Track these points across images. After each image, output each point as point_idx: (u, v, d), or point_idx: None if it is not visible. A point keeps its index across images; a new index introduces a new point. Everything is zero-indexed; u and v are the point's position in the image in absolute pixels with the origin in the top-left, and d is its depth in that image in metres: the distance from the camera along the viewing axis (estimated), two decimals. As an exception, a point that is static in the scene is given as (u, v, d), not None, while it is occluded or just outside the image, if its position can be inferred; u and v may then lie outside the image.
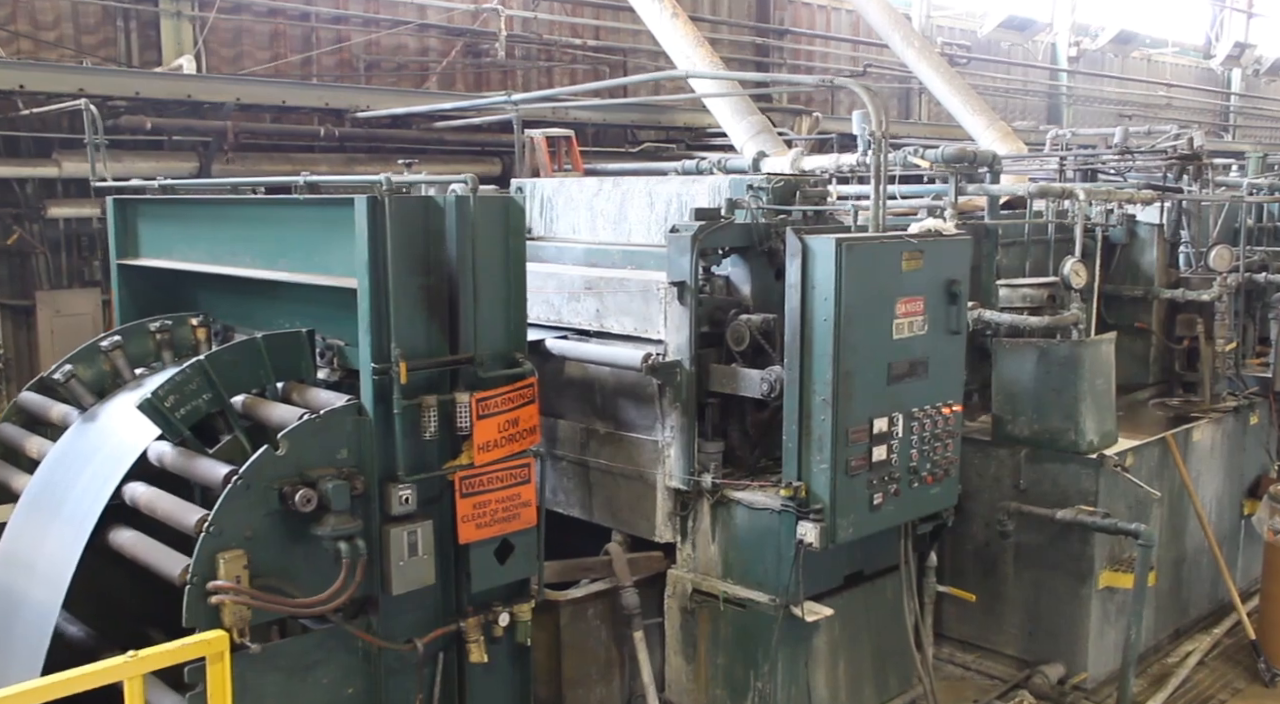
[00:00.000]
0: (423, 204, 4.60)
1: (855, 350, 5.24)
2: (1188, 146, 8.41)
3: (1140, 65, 22.31)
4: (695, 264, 5.63)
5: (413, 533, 4.55)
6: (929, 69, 12.33)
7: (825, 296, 5.18)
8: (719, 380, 5.76)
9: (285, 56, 9.93)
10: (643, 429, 5.99)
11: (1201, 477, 7.67)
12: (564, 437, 6.41)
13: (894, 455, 5.49)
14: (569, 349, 6.12)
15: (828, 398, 5.21)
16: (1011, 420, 6.96)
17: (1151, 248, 8.31)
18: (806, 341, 5.28)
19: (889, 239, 5.39)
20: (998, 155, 7.52)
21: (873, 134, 5.57)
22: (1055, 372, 6.79)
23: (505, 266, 4.84)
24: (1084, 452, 6.71)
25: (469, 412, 4.63)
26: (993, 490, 7.04)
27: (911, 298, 5.46)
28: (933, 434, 5.69)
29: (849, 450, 5.28)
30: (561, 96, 8.40)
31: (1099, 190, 7.56)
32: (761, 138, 9.35)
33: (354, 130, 9.63)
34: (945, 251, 5.64)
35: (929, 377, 5.62)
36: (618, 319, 6.08)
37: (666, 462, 5.85)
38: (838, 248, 5.12)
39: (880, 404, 5.40)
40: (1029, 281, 7.11)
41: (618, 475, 6.12)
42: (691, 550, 5.94)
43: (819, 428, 5.27)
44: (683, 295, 5.66)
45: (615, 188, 7.04)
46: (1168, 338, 8.36)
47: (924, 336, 5.56)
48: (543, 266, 6.78)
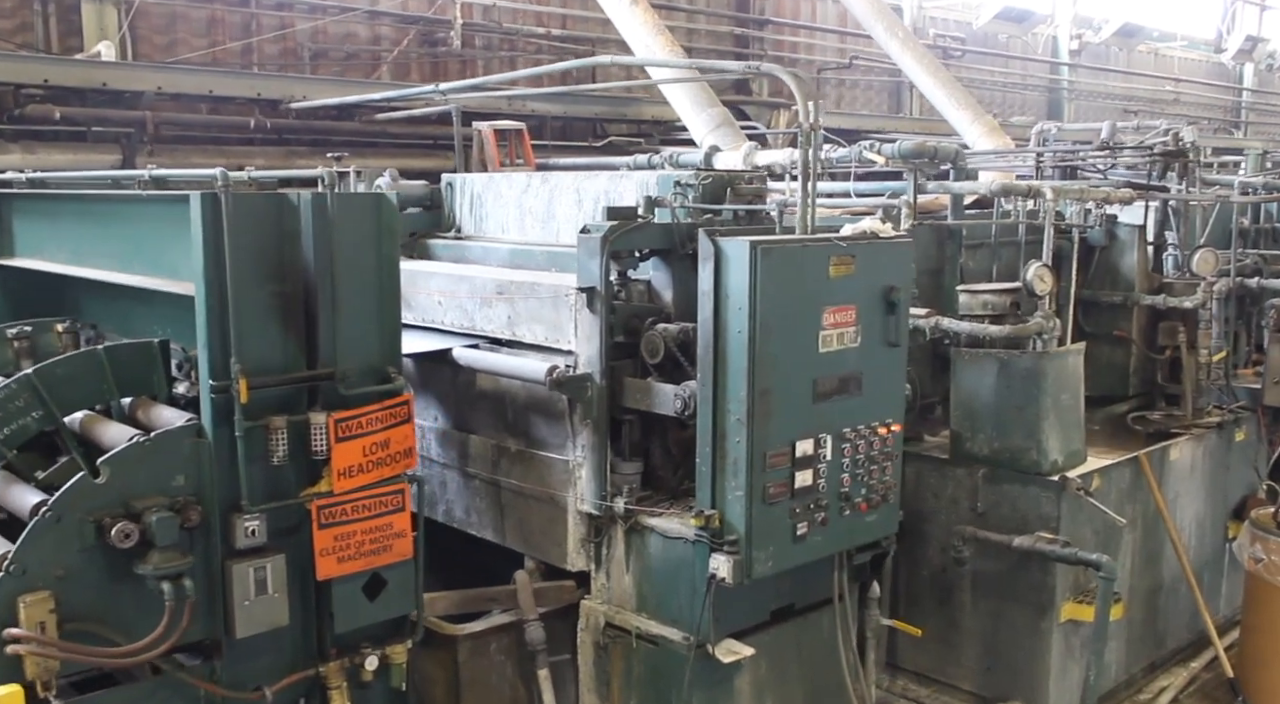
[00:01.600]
0: (274, 202, 4.11)
1: (774, 365, 4.72)
2: (1173, 142, 7.84)
3: (1147, 59, 21.64)
4: (605, 268, 5.12)
5: (260, 569, 4.07)
6: (913, 61, 11.78)
7: (739, 306, 4.67)
8: (633, 396, 5.25)
9: (223, 44, 9.47)
10: (554, 447, 5.49)
11: (1180, 498, 7.12)
12: (475, 453, 5.92)
13: (821, 481, 4.98)
14: (475, 359, 5.63)
15: (742, 418, 4.70)
16: (970, 438, 6.44)
17: (1132, 251, 7.74)
18: (720, 355, 4.77)
19: (814, 242, 4.87)
20: (962, 150, 6.98)
21: (799, 126, 5.05)
22: (1016, 385, 6.26)
23: (377, 272, 4.35)
24: (1046, 473, 6.18)
25: (325, 433, 4.14)
26: (949, 513, 6.51)
27: (841, 307, 4.94)
28: (868, 457, 5.17)
29: (767, 476, 4.76)
30: (489, 86, 7.93)
31: (1069, 189, 7.01)
32: (722, 131, 8.83)
33: (296, 122, 9.16)
34: (882, 256, 5.11)
35: (863, 394, 5.10)
36: (529, 327, 5.58)
37: (578, 483, 5.36)
38: (752, 251, 4.61)
39: (805, 424, 4.88)
40: (990, 287, 6.58)
41: (529, 497, 5.63)
42: (606, 580, 5.45)
43: (734, 451, 4.76)
44: (592, 302, 5.16)
45: (544, 184, 6.57)
46: (1149, 347, 7.78)
47: (857, 350, 5.04)
48: (459, 268, 6.32)
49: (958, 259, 7.10)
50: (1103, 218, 7.75)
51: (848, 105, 15.60)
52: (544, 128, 11.41)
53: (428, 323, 6.16)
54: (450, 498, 6.13)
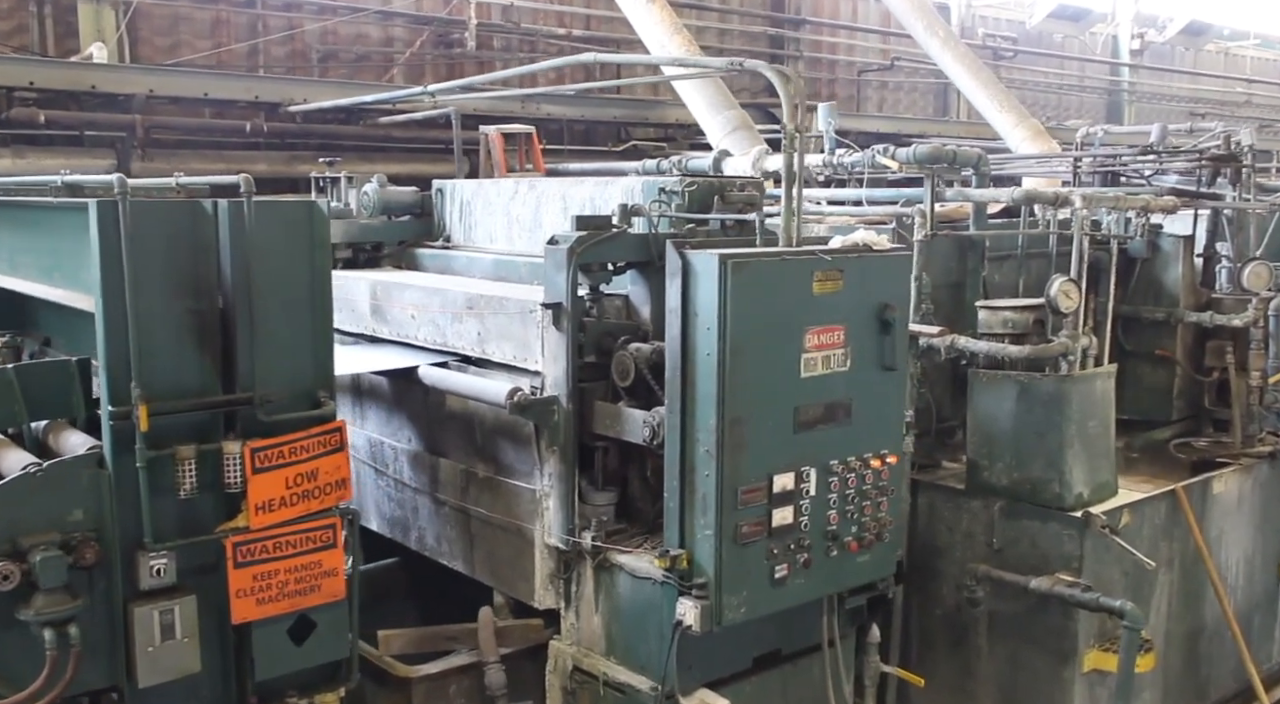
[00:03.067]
0: (185, 211, 3.77)
1: (748, 391, 4.28)
2: (1225, 145, 7.22)
3: (1216, 59, 20.65)
4: (573, 282, 4.72)
5: (167, 612, 3.73)
6: (953, 61, 11.21)
7: (708, 325, 4.24)
8: (603, 421, 4.84)
9: (228, 46, 9.24)
10: (521, 475, 5.10)
11: (1225, 535, 6.51)
12: (445, 478, 5.55)
13: (804, 518, 4.52)
14: (440, 379, 5.26)
15: (711, 449, 4.27)
16: (988, 467, 5.91)
17: (1177, 263, 7.13)
18: (688, 380, 4.34)
19: (794, 255, 4.41)
20: (984, 155, 6.46)
21: (784, 126, 4.60)
22: (1038, 411, 5.73)
23: (308, 286, 3.99)
24: (1069, 507, 5.64)
25: (239, 464, 3.78)
26: (964, 548, 5.99)
27: (827, 327, 4.48)
28: (859, 492, 4.70)
29: (740, 514, 4.32)
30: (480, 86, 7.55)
31: (1102, 197, 6.44)
32: (739, 135, 8.39)
33: (300, 126, 8.90)
34: (875, 270, 4.64)
35: (853, 423, 4.63)
36: (498, 345, 5.20)
37: (545, 514, 4.96)
38: (721, 266, 4.17)
39: (784, 457, 4.43)
40: (1011, 303, 6.04)
41: (497, 527, 5.24)
42: (575, 620, 5.04)
43: (702, 485, 4.33)
44: (558, 319, 4.76)
45: (530, 191, 6.20)
46: (1195, 368, 7.17)
47: (846, 374, 4.57)
48: (433, 280, 5.97)
49: (980, 272, 6.56)
50: (1145, 228, 7.15)
51: (890, 108, 15.02)
52: (565, 132, 11.06)
53: (402, 338, 5.82)
54: (422, 524, 5.77)
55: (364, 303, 6.08)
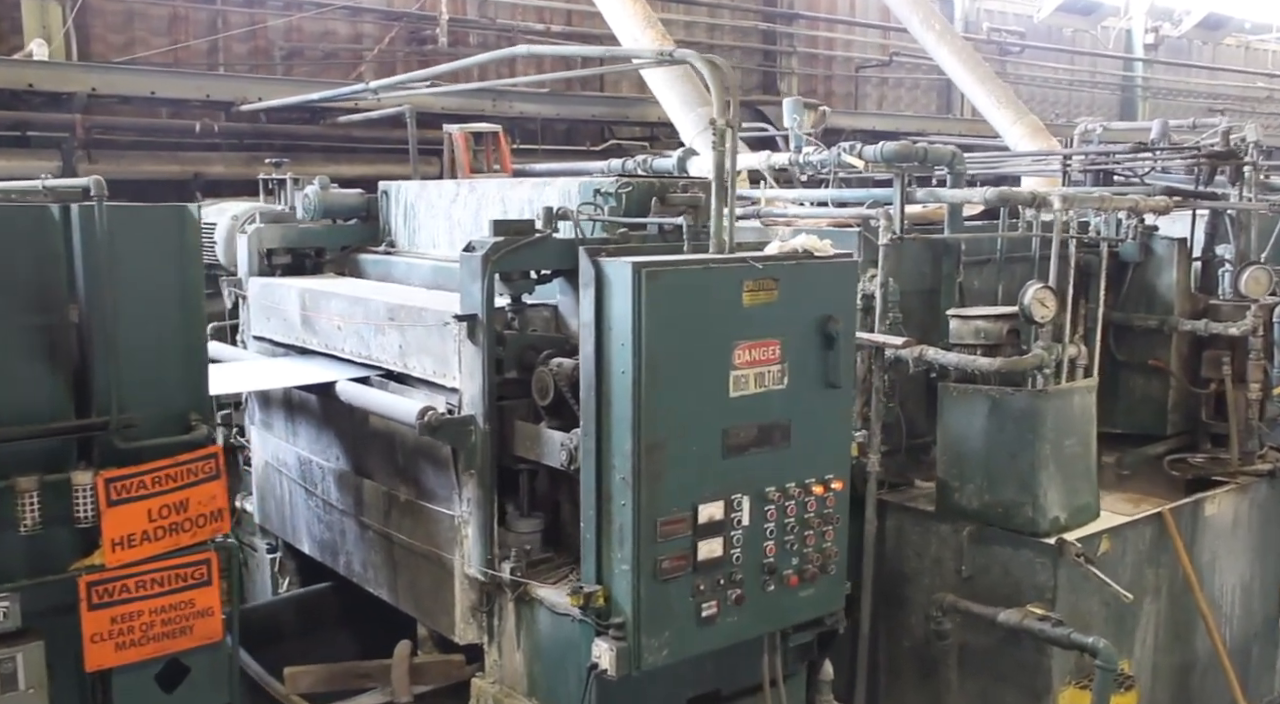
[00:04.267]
0: (28, 217, 3.42)
1: (667, 413, 3.89)
2: (1223, 141, 6.76)
3: (1235, 53, 20.02)
4: (488, 292, 4.35)
5: (8, 660, 3.38)
6: (949, 55, 10.76)
7: (622, 341, 3.85)
8: (524, 443, 4.47)
9: (186, 43, 8.92)
10: (441, 500, 4.74)
11: (1219, 560, 6.06)
12: (369, 501, 5.20)
13: (735, 551, 4.12)
14: (355, 395, 4.90)
15: (627, 477, 3.88)
16: (958, 488, 5.51)
17: (1171, 268, 6.68)
18: (603, 400, 3.96)
19: (720, 263, 4.02)
20: (958, 153, 6.04)
21: (713, 122, 4.20)
22: (1009, 428, 5.32)
23: (178, 300, 3.65)
24: (1043, 533, 5.23)
25: (91, 496, 3.43)
26: (933, 575, 5.59)
27: (760, 342, 4.08)
28: (800, 520, 4.30)
29: (660, 547, 3.93)
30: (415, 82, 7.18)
31: (1086, 197, 6.00)
32: (712, 133, 7.97)
33: (264, 126, 8.58)
34: (816, 279, 4.24)
35: (792, 445, 4.23)
36: (418, 359, 4.84)
37: (464, 542, 4.59)
38: (635, 275, 3.78)
39: (711, 484, 4.04)
40: (983, 312, 5.63)
41: (418, 555, 4.88)
42: (498, 656, 4.66)
43: (619, 515, 3.95)
44: (473, 332, 4.39)
45: (471, 193, 5.84)
46: (1191, 380, 6.71)
47: (783, 393, 4.17)
48: (358, 289, 5.62)
49: (955, 278, 6.14)
50: (1137, 229, 6.70)
51: (891, 106, 14.55)
52: (547, 131, 10.71)
53: (330, 350, 5.48)
54: (350, 549, 5.42)
55: (294, 312, 5.74)
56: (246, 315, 6.29)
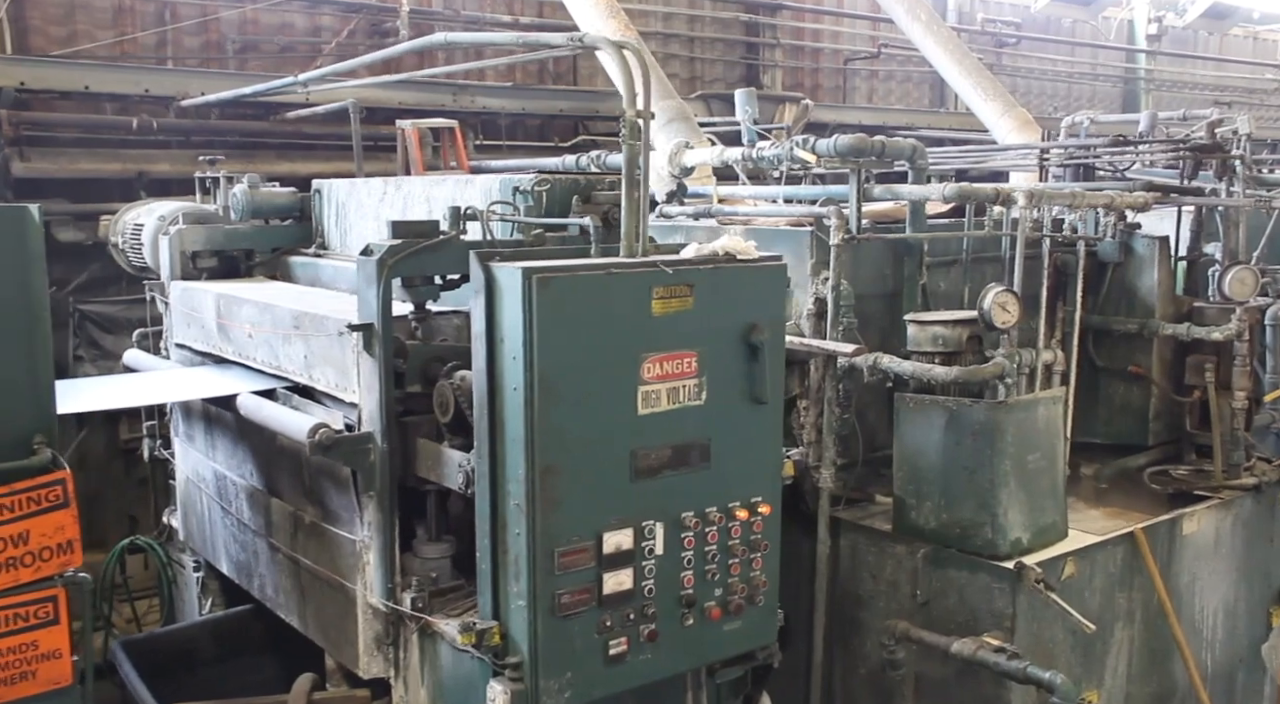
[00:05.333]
0: None
1: (565, 434, 3.55)
2: (1207, 134, 6.36)
3: (1243, 44, 19.49)
4: (384, 298, 4.01)
5: None
6: (936, 46, 10.37)
7: (513, 354, 3.51)
8: (426, 462, 4.13)
9: (132, 36, 8.59)
10: (344, 522, 4.40)
11: (1200, 582, 5.67)
12: (277, 521, 4.87)
13: (647, 583, 3.77)
14: (253, 409, 4.57)
15: (521, 503, 3.53)
16: (915, 506, 5.14)
17: (1152, 268, 6.29)
18: (496, 419, 3.62)
19: (625, 268, 3.66)
20: (920, 147, 5.66)
21: (623, 114, 3.85)
22: (967, 443, 4.95)
23: (21, 310, 3.32)
24: (1003, 556, 4.86)
25: (-90, 530, 3.11)
26: (889, 599, 5.22)
27: (672, 354, 3.73)
28: (723, 548, 3.94)
29: (558, 580, 3.58)
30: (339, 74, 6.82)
31: (1055, 193, 5.62)
32: (675, 127, 7.63)
33: (215, 123, 8.25)
34: (739, 284, 3.89)
35: (712, 466, 3.88)
36: (322, 370, 4.51)
37: (366, 570, 4.25)
38: (525, 282, 3.43)
39: (618, 510, 3.69)
40: (942, 317, 5.26)
41: (323, 581, 4.55)
42: (404, 692, 4.33)
43: (514, 545, 3.60)
44: (369, 342, 4.05)
45: (398, 192, 5.52)
46: (1174, 387, 6.31)
47: (700, 409, 3.82)
48: (269, 294, 5.28)
49: (918, 280, 5.77)
50: (1116, 227, 6.31)
51: (881, 99, 14.12)
52: (518, 126, 10.37)
53: (244, 359, 5.16)
54: (262, 571, 5.10)
55: (211, 319, 5.41)
56: (169, 322, 5.98)
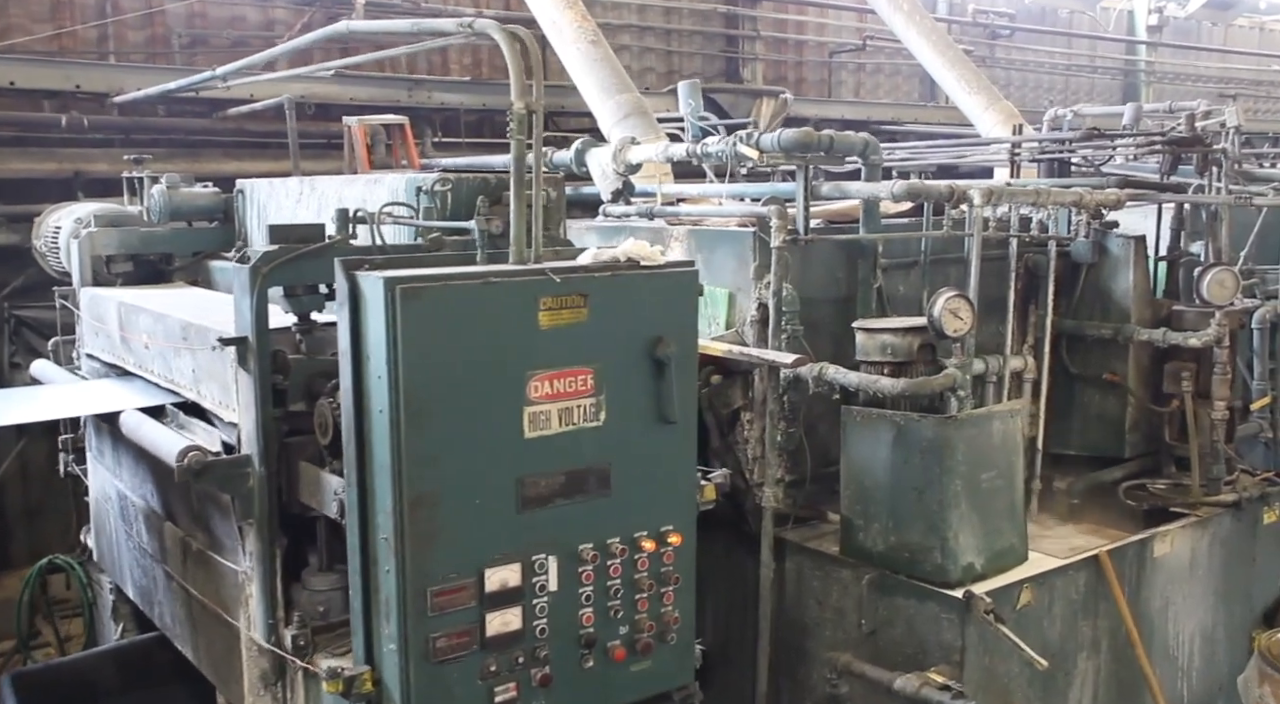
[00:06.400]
0: None
1: (437, 461, 3.21)
2: (1187, 127, 5.97)
3: (1249, 35, 18.98)
4: (259, 309, 3.68)
5: None
6: (919, 37, 9.97)
7: (379, 373, 3.17)
8: (307, 488, 3.79)
9: (71, 29, 8.26)
10: (229, 551, 4.08)
11: (1174, 606, 5.30)
12: (170, 547, 4.56)
13: (539, 622, 3.43)
14: (133, 428, 4.25)
15: (390, 537, 3.19)
16: (863, 527, 4.79)
17: (1127, 269, 5.90)
18: (365, 445, 3.28)
19: (506, 277, 3.31)
20: (873, 142, 5.29)
21: (511, 106, 3.50)
22: (915, 461, 4.59)
23: None
24: (953, 583, 4.49)
25: None
26: (835, 627, 4.87)
27: (564, 371, 3.39)
28: (628, 582, 3.60)
29: (433, 622, 3.25)
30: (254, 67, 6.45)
31: (1016, 190, 5.25)
32: (632, 122, 7.25)
33: (159, 120, 7.93)
34: (640, 293, 3.55)
35: (613, 494, 3.53)
36: (208, 386, 4.18)
37: (249, 602, 3.92)
38: (389, 293, 3.09)
39: (503, 543, 3.35)
40: (891, 324, 4.89)
41: (211, 614, 4.22)
42: (293, 735, 3.99)
43: (385, 584, 3.26)
44: (244, 357, 3.72)
45: (313, 192, 5.20)
46: (1152, 396, 5.92)
47: (598, 431, 3.48)
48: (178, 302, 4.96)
49: (872, 284, 5.40)
50: (1090, 226, 5.94)
51: (869, 93, 13.70)
52: (484, 122, 10.02)
53: (144, 372, 4.84)
54: (160, 598, 4.78)
55: (115, 328, 5.10)
56: (80, 330, 5.66)
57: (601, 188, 6.19)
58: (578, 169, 6.29)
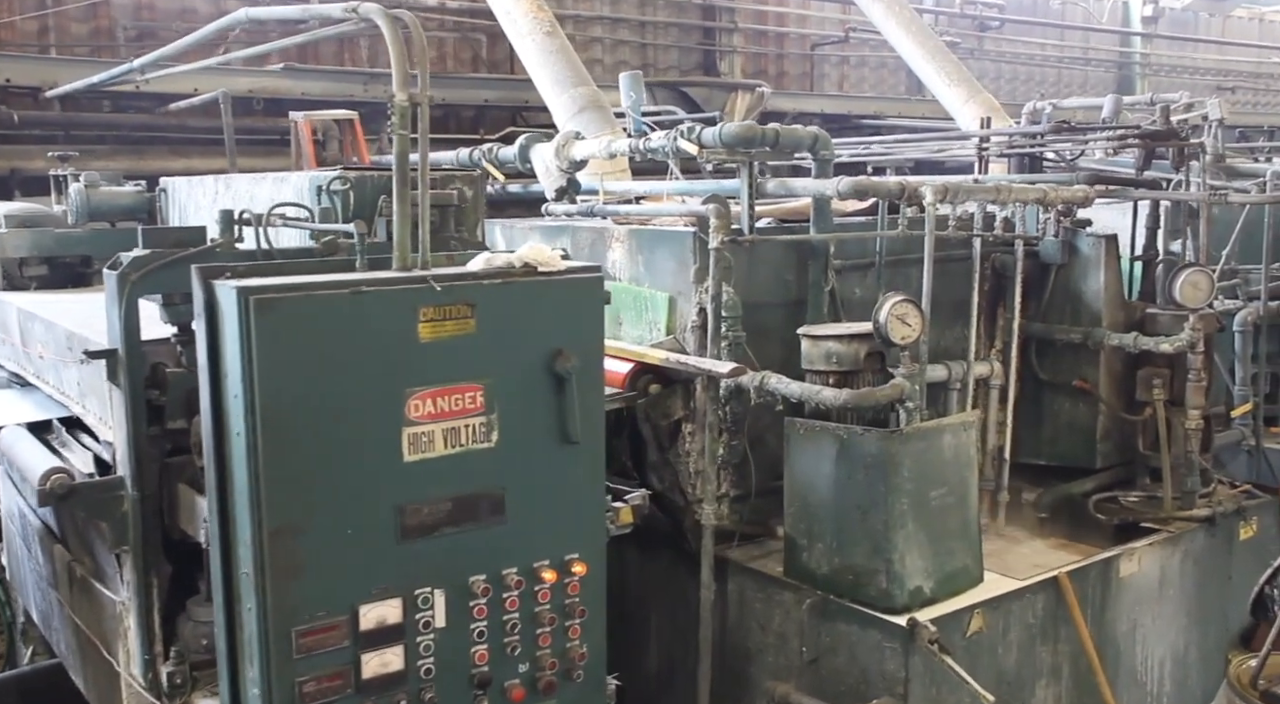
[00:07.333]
0: None
1: (302, 488, 2.92)
2: (1161, 120, 5.65)
3: (1248, 27, 18.60)
4: (128, 320, 3.39)
5: None
6: (898, 28, 9.67)
7: (235, 392, 2.87)
8: (185, 513, 3.50)
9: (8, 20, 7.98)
10: (109, 579, 3.79)
11: (1142, 629, 4.99)
12: (59, 571, 4.26)
13: (424, 662, 3.14)
14: (7, 445, 3.96)
15: (250, 570, 2.90)
16: (807, 547, 4.50)
17: (1098, 270, 5.59)
18: (224, 470, 2.98)
19: (378, 286, 3.01)
20: (822, 136, 4.98)
21: (392, 97, 3.21)
22: (859, 477, 4.29)
23: None
24: (898, 608, 4.20)
25: None
26: (778, 654, 4.58)
27: (448, 388, 3.09)
28: (527, 617, 3.30)
29: (301, 665, 2.95)
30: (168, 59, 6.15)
31: (974, 187, 4.94)
32: (588, 116, 6.97)
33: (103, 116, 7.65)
34: (536, 302, 3.24)
35: (509, 520, 3.24)
36: (90, 401, 3.89)
37: (128, 635, 3.63)
38: (242, 303, 2.80)
39: (381, 577, 3.06)
40: (836, 331, 4.59)
41: (92, 645, 3.93)
42: (177, 777, 3.70)
43: (248, 622, 2.97)
44: (113, 372, 3.43)
45: (228, 190, 4.92)
46: (1124, 404, 5.62)
47: (490, 453, 3.18)
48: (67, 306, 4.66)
49: (823, 286, 5.09)
50: (1060, 225, 5.64)
51: (854, 87, 13.37)
52: (450, 117, 9.74)
53: (42, 382, 4.55)
54: (57, 625, 4.50)
55: (16, 335, 4.82)
56: (-11, 338, 5.38)
57: (546, 185, 5.90)
58: (522, 165, 5.99)
